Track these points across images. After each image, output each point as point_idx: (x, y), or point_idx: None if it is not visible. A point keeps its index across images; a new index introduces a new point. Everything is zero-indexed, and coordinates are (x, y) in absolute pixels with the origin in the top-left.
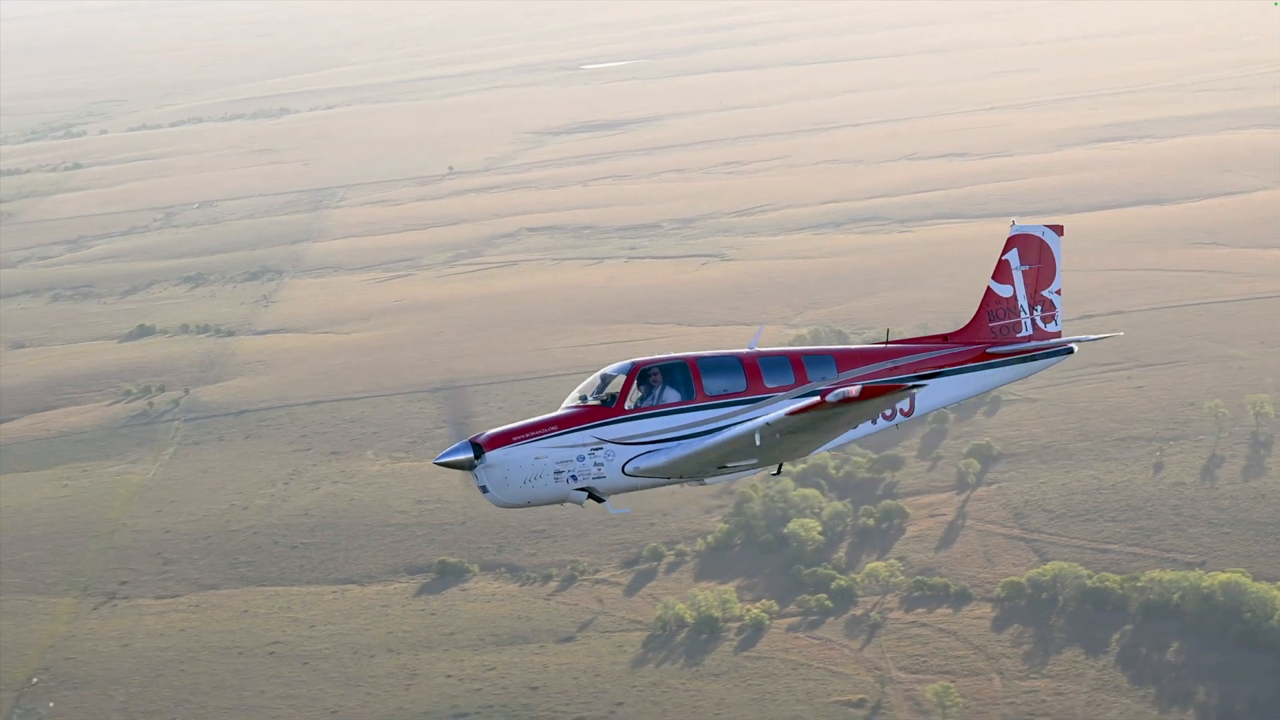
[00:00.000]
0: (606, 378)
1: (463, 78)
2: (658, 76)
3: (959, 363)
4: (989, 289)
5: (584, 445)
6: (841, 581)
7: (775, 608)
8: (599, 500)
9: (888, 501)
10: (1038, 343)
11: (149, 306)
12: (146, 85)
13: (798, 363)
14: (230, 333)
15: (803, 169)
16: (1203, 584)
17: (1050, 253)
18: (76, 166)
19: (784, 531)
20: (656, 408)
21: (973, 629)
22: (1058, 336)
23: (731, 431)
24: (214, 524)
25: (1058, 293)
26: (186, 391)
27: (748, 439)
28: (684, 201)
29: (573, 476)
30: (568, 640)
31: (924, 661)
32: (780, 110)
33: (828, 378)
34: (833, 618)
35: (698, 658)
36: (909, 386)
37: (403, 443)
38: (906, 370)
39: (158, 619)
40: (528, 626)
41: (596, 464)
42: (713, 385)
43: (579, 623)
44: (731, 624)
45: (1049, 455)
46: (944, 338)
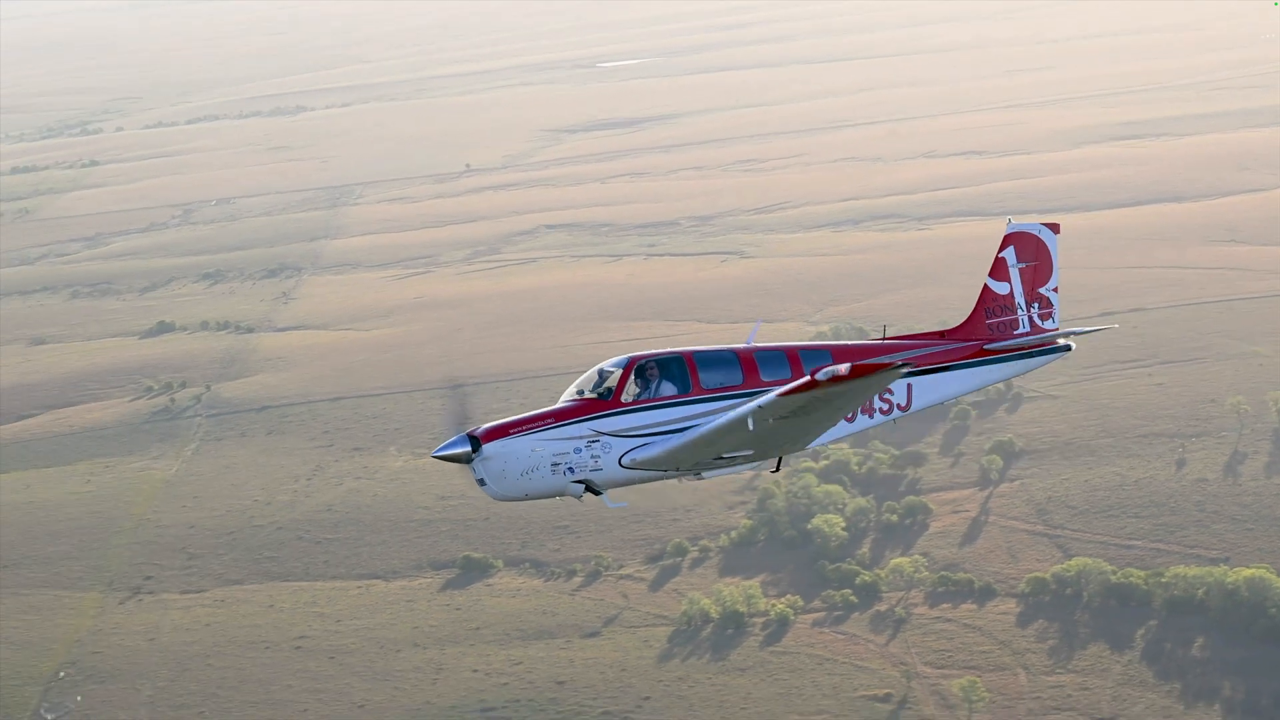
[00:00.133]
0: (603, 372)
1: (477, 76)
2: (673, 74)
3: (956, 359)
4: (986, 286)
5: (581, 438)
6: (866, 577)
7: (800, 603)
8: (596, 493)
9: (911, 498)
10: (1035, 339)
11: (168, 303)
12: (161, 83)
13: (794, 357)
14: (250, 329)
15: (820, 167)
16: (1227, 580)
17: (1047, 250)
18: (93, 164)
19: (808, 527)
20: (653, 401)
21: (997, 624)
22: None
23: (725, 417)
24: (237, 519)
25: (1055, 290)
26: (208, 388)
27: (741, 424)
28: (702, 199)
29: (570, 469)
30: (593, 635)
31: (949, 656)
32: (796, 108)
33: None
34: (858, 613)
35: (723, 653)
36: (897, 366)
37: (425, 439)
38: None
39: (183, 614)
40: (553, 622)
41: (593, 456)
42: (709, 379)
43: (604, 618)
44: (757, 619)
45: (1071, 452)
46: (941, 334)
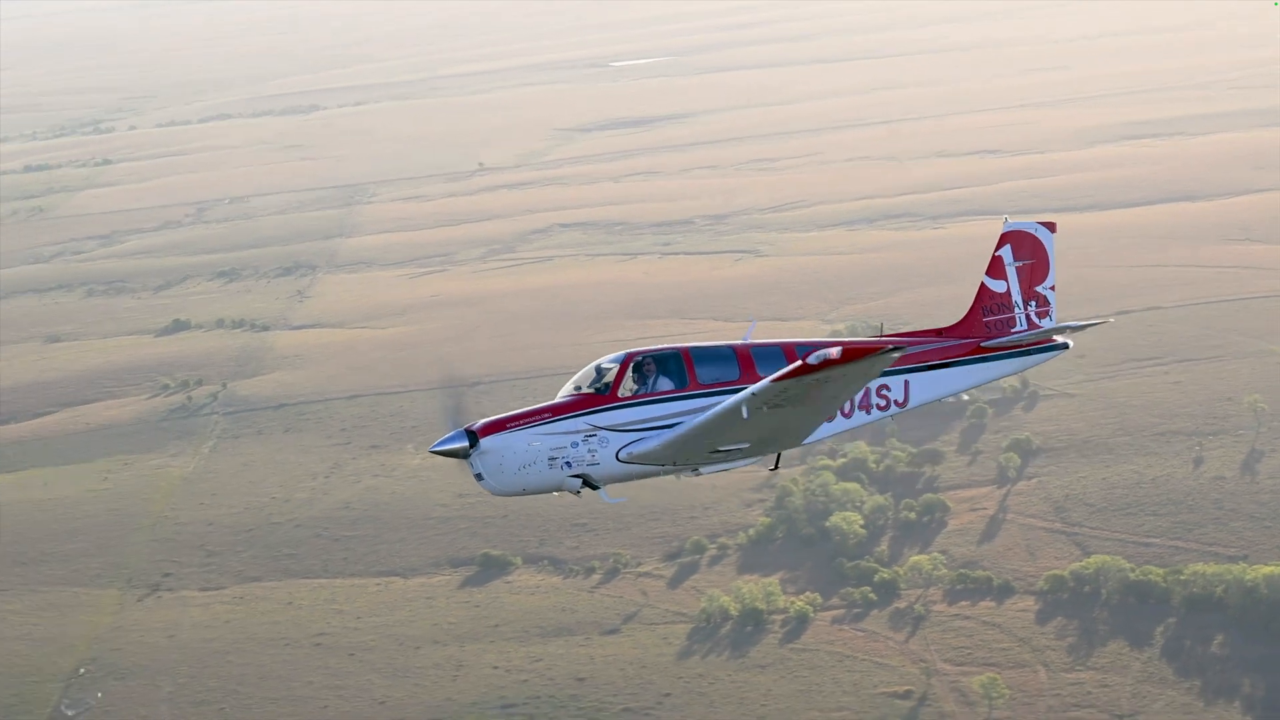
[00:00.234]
0: (601, 368)
1: (489, 75)
2: (686, 74)
3: (953, 356)
4: (983, 284)
5: (578, 432)
6: (884, 574)
7: (819, 600)
8: (594, 488)
9: (929, 495)
10: (1031, 335)
11: (183, 301)
12: (173, 82)
13: (790, 352)
14: (266, 327)
15: (834, 166)
16: (1246, 577)
17: (1043, 249)
18: (106, 162)
19: (826, 525)
20: (650, 395)
21: (1016, 622)
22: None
23: (720, 406)
24: (256, 517)
25: (1051, 288)
26: (224, 385)
27: (735, 413)
28: (716, 198)
29: (567, 463)
30: (613, 632)
31: (969, 654)
32: (809, 107)
33: None
34: (876, 610)
35: (743, 649)
36: (888, 350)
37: (442, 437)
38: (899, 362)
39: (202, 610)
40: (572, 619)
41: (590, 450)
42: (706, 374)
43: (623, 615)
44: (776, 616)
45: (1089, 450)
46: (939, 332)
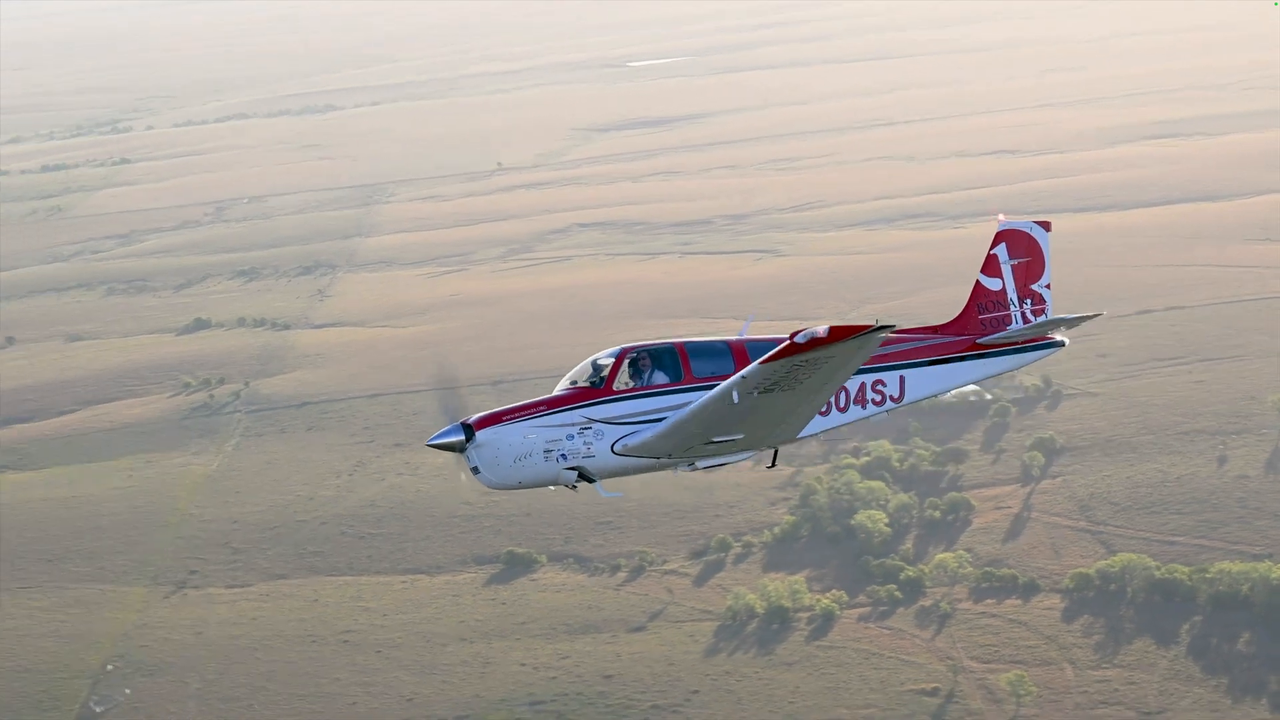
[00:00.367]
0: (596, 362)
1: (506, 75)
2: (703, 74)
3: (948, 353)
4: (978, 282)
5: (573, 424)
6: (910, 572)
7: (845, 598)
8: (590, 481)
9: (953, 494)
10: (1026, 331)
11: (203, 300)
12: (190, 81)
13: None
14: (287, 326)
15: (852, 166)
16: (1272, 575)
17: (1039, 247)
18: (124, 162)
19: (851, 523)
20: (645, 389)
21: (1043, 619)
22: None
23: (711, 393)
24: (281, 514)
25: (1047, 287)
26: (247, 384)
27: (726, 398)
28: (735, 198)
29: (562, 455)
30: (639, 630)
31: (995, 651)
32: (827, 107)
33: None
34: (902, 608)
35: (770, 647)
36: (875, 329)
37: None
38: (894, 358)
39: (229, 608)
40: (599, 616)
41: (586, 443)
42: (701, 368)
43: (649, 612)
44: (802, 614)
45: (1112, 448)
46: (934, 329)
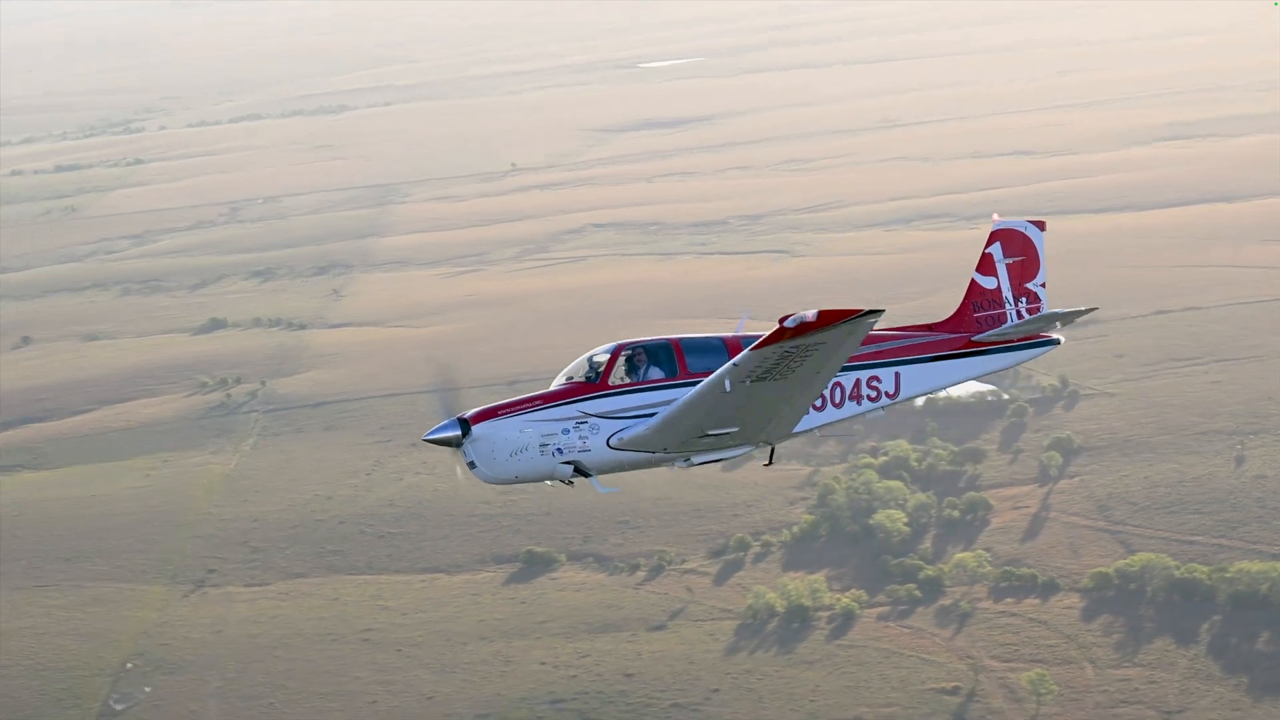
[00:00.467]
0: (592, 358)
1: (518, 76)
2: (715, 75)
3: (942, 350)
4: (973, 281)
5: (569, 419)
6: (929, 572)
7: (865, 597)
8: (586, 475)
9: (971, 493)
10: (1019, 327)
11: (218, 300)
12: (202, 82)
13: None
14: (302, 326)
15: (868, 166)
16: None
17: (1033, 246)
18: (137, 162)
19: (869, 522)
20: (640, 383)
21: (1062, 619)
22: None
23: (704, 382)
24: (299, 513)
25: (1042, 285)
26: (263, 384)
27: (718, 386)
28: (751, 198)
29: (558, 449)
30: (659, 629)
31: (1015, 650)
32: (841, 108)
33: None
34: (922, 607)
35: (790, 646)
36: (864, 314)
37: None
38: (888, 355)
39: (248, 606)
40: (619, 615)
41: (581, 437)
42: (696, 364)
43: (669, 611)
44: (822, 613)
45: (1130, 449)
46: (929, 327)
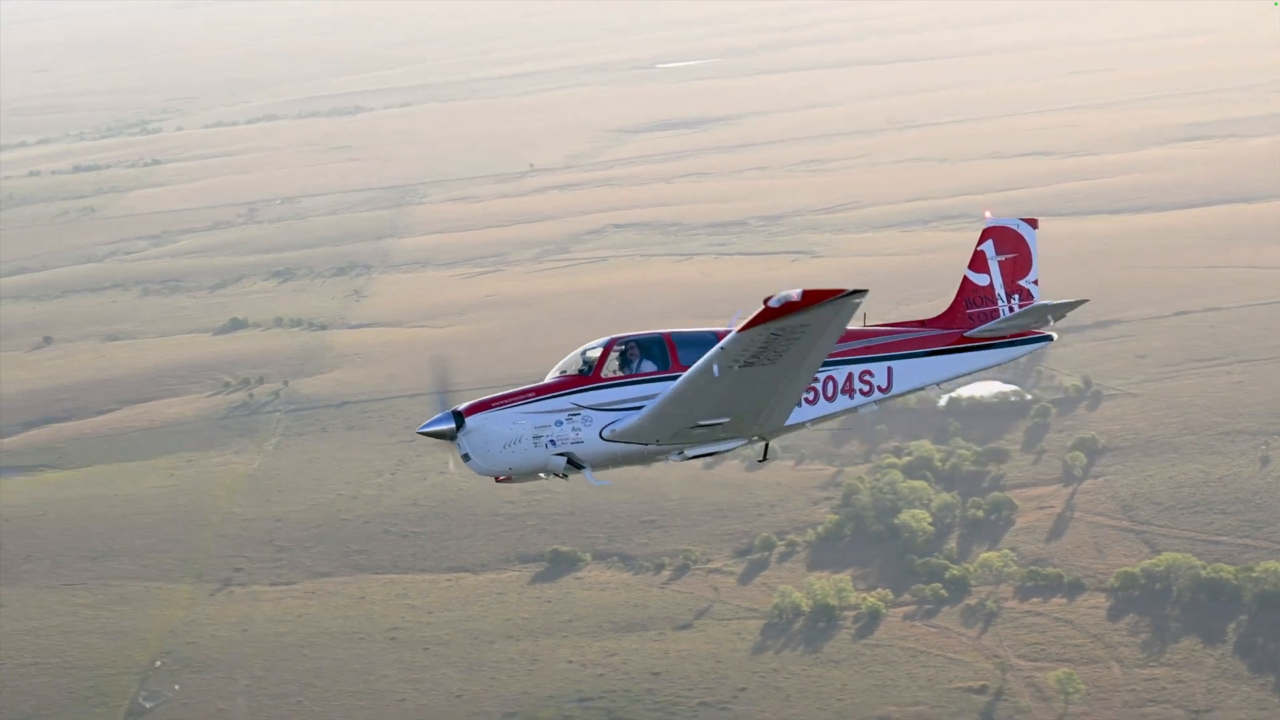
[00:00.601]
0: (585, 352)
1: (533, 76)
2: (731, 75)
3: (934, 345)
4: (965, 278)
5: (561, 411)
6: (955, 571)
7: (890, 597)
8: (579, 468)
9: (995, 493)
10: (1011, 320)
11: (238, 300)
12: (218, 83)
13: None
14: (323, 326)
15: (885, 167)
16: None
17: (1026, 244)
18: (155, 163)
19: (894, 522)
20: (633, 376)
21: (1089, 618)
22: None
23: (692, 367)
24: (324, 513)
25: (1035, 283)
26: (286, 384)
27: (707, 372)
28: (769, 199)
29: (551, 441)
30: (686, 628)
31: (1042, 649)
32: (857, 109)
33: None
34: (948, 607)
35: (817, 645)
36: (849, 293)
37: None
38: (878, 350)
39: (274, 605)
40: (645, 614)
41: (574, 429)
42: (688, 357)
43: (695, 610)
44: (848, 612)
45: (1154, 449)
46: (922, 323)
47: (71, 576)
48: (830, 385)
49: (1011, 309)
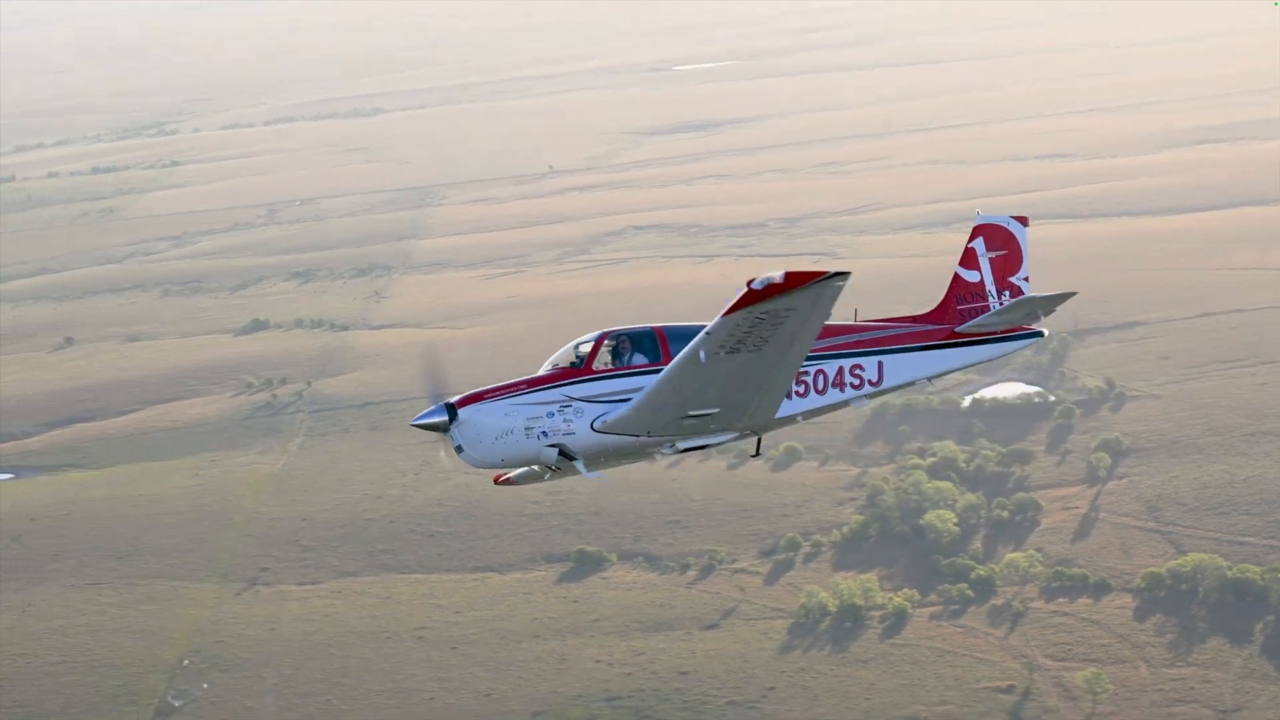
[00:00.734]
0: (577, 345)
1: (551, 79)
2: (748, 78)
3: (924, 340)
4: (956, 275)
5: (553, 403)
6: (981, 572)
7: (917, 597)
8: (571, 459)
9: (1020, 494)
10: (1002, 315)
11: (259, 301)
12: (234, 84)
13: None
14: (345, 327)
15: (903, 169)
16: None
17: (1016, 241)
18: (173, 164)
19: (920, 523)
20: (625, 368)
21: (1115, 618)
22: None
23: (678, 355)
24: (349, 513)
25: (1025, 279)
26: (308, 384)
27: (694, 358)
28: (788, 201)
29: (543, 433)
30: (712, 627)
31: (1069, 650)
32: (874, 111)
33: None
34: (974, 607)
35: (844, 645)
36: (831, 275)
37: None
38: (869, 344)
39: (301, 604)
40: (671, 614)
41: (566, 420)
42: (679, 350)
43: (722, 610)
44: (874, 612)
45: (1178, 450)
46: (913, 319)
47: (97, 576)
48: (821, 378)
49: (1002, 305)
